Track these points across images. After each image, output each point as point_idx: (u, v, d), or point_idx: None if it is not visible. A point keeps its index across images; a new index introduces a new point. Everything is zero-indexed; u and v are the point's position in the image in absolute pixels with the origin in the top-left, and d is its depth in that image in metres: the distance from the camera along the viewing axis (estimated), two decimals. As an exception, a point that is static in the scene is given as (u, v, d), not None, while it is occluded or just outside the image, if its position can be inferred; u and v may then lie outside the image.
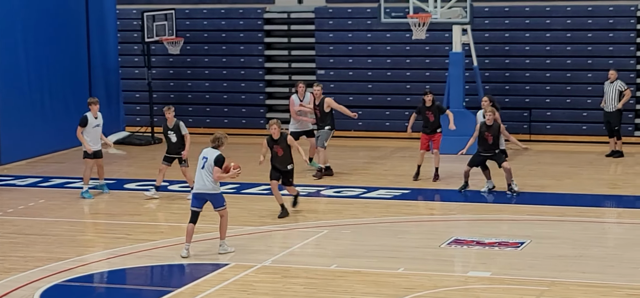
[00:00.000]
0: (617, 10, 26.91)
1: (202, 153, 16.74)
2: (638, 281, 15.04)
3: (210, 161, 16.51)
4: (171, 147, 21.12)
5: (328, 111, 22.79)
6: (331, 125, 22.86)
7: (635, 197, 21.21)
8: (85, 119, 21.25)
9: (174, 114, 21.14)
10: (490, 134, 20.63)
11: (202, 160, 16.62)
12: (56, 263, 16.44)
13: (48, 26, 26.27)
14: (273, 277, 15.67)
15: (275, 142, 18.96)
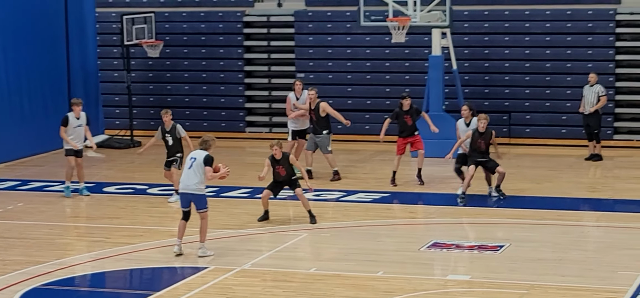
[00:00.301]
0: (596, 14, 27.01)
1: (190, 154, 16.89)
2: (617, 284, 15.08)
3: (199, 161, 16.63)
4: (169, 151, 21.08)
5: (324, 115, 22.79)
6: (328, 128, 22.90)
7: (614, 201, 21.28)
8: (66, 119, 21.52)
9: (171, 117, 21.14)
10: (483, 141, 20.62)
11: (190, 160, 16.77)
12: (35, 266, 16.39)
13: (27, 29, 26.20)
14: (252, 280, 15.66)
15: (277, 162, 18.87)
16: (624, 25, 27.01)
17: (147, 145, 21.42)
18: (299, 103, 23.20)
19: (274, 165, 18.86)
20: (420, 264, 16.61)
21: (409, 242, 17.88)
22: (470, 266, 16.24)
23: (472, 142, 20.75)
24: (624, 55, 26.94)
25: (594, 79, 24.72)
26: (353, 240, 18.31)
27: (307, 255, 17.24)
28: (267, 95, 29.28)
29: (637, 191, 22.10)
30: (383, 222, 19.35)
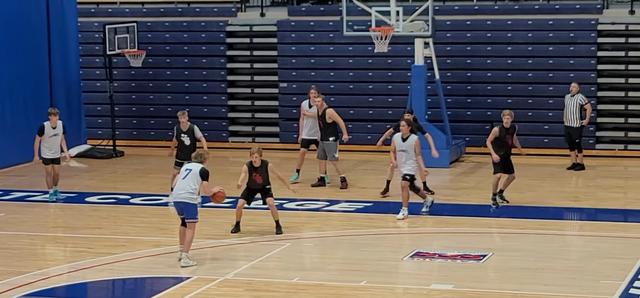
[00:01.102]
0: (578, 23, 27.08)
1: (185, 165, 17.31)
2: (600, 293, 15.09)
3: (195, 172, 16.89)
4: (184, 151, 21.28)
5: (330, 122, 22.83)
6: (335, 135, 22.95)
7: (596, 210, 21.31)
8: (42, 128, 21.81)
9: (187, 118, 21.63)
10: (509, 135, 20.82)
11: (185, 171, 17.05)
12: (16, 277, 16.32)
13: (8, 39, 26.14)
14: (235, 290, 15.63)
15: (255, 169, 18.86)
16: (605, 35, 27.08)
17: (172, 146, 21.81)
18: (310, 111, 23.35)
19: (251, 172, 18.84)
20: (403, 274, 16.62)
21: (392, 252, 17.88)
22: (453, 275, 16.22)
23: (500, 139, 20.74)
24: (605, 65, 27.00)
25: (575, 88, 24.77)
26: (336, 249, 18.30)
27: (290, 265, 17.19)
28: (250, 105, 29.26)
29: (619, 200, 22.17)
30: (366, 232, 19.33)
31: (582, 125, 24.64)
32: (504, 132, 20.87)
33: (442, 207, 21.48)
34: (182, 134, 21.58)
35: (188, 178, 16.90)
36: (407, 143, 19.87)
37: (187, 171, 17.01)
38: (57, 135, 21.92)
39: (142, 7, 30.34)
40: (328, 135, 22.90)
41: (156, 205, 21.69)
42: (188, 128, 21.59)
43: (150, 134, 29.10)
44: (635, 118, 26.82)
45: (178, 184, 17.08)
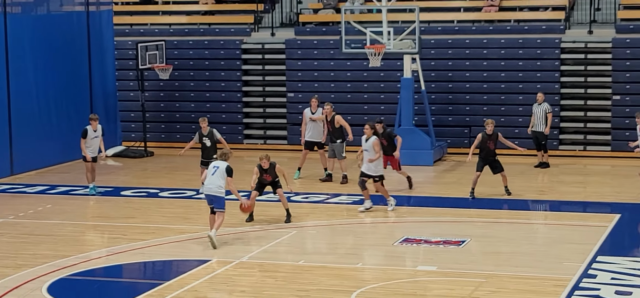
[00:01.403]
0: (544, 42, 27.06)
1: (213, 163, 17.53)
2: (562, 274, 15.08)
3: (222, 169, 17.17)
4: (206, 152, 21.56)
5: (338, 126, 22.81)
6: (342, 138, 22.96)
7: (560, 202, 21.29)
8: (85, 131, 21.95)
9: (207, 123, 21.83)
10: (492, 142, 20.99)
11: (213, 168, 17.30)
12: (61, 260, 16.33)
13: (55, 55, 26.16)
14: (250, 270, 15.63)
15: (264, 171, 18.89)
16: (567, 52, 27.05)
17: (186, 148, 21.97)
18: (314, 116, 23.34)
19: (261, 173, 18.87)
20: (394, 257, 16.60)
21: (384, 238, 17.87)
22: (437, 258, 16.21)
23: (482, 144, 20.83)
24: (567, 78, 26.98)
25: (541, 97, 24.76)
26: (336, 236, 18.30)
27: (296, 249, 17.19)
28: (261, 112, 29.25)
29: (579, 194, 22.15)
30: (362, 221, 19.32)
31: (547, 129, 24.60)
32: (486, 137, 20.99)
33: (427, 199, 21.50)
34: (203, 137, 21.65)
35: (216, 175, 17.13)
36: (368, 143, 19.80)
37: (215, 168, 17.22)
38: (97, 137, 22.05)
39: (170, 28, 30.35)
40: (336, 138, 22.93)
41: (181, 198, 21.69)
42: (208, 132, 21.68)
43: (176, 136, 29.09)
44: (593, 123, 26.80)
45: (207, 179, 17.27)
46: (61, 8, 27.36)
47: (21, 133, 24.99)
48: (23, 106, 25.12)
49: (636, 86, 26.21)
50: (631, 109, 25.82)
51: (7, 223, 19.33)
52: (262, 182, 18.97)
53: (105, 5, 28.50)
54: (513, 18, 28.19)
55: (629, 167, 23.96)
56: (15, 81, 24.86)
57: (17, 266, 15.93)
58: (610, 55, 26.54)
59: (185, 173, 24.57)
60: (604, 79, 26.71)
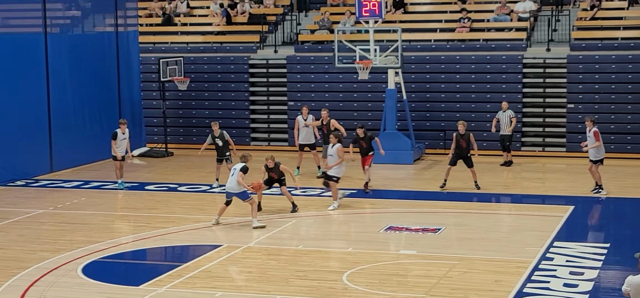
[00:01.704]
0: (508, 58, 27.09)
1: (234, 166, 17.76)
2: (525, 257, 15.10)
3: (238, 170, 17.42)
4: (220, 151, 21.83)
5: (333, 129, 22.74)
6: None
7: (522, 195, 21.31)
8: (116, 134, 22.10)
9: (219, 126, 22.05)
10: (464, 140, 21.03)
11: (233, 170, 17.58)
12: (94, 245, 16.34)
13: (88, 69, 26.15)
14: (256, 254, 15.63)
15: (271, 169, 18.91)
16: (529, 67, 27.08)
17: (202, 148, 22.12)
18: (307, 122, 23.24)
19: (268, 171, 18.89)
20: (380, 242, 16.61)
21: (371, 226, 17.87)
22: (417, 243, 16.23)
23: (456, 143, 20.84)
24: (529, 89, 27.00)
25: (506, 105, 24.81)
26: (330, 225, 18.31)
27: (295, 235, 17.20)
28: (266, 118, 29.25)
29: (539, 188, 22.18)
30: (352, 212, 19.32)
31: (511, 132, 24.66)
32: (459, 137, 21.04)
33: (408, 193, 21.50)
34: (215, 139, 21.76)
35: (234, 176, 17.40)
36: (332, 149, 19.59)
37: (234, 169, 17.49)
38: (125, 139, 22.12)
39: (187, 46, 30.34)
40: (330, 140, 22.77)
41: (197, 192, 21.68)
42: (219, 134, 21.78)
43: (193, 139, 29.06)
44: (551, 128, 26.82)
45: (229, 180, 17.56)
46: (94, 29, 27.34)
47: (59, 136, 24.97)
48: (61, 113, 25.11)
49: (588, 96, 26.24)
50: (583, 115, 25.78)
51: (47, 214, 19.33)
52: (270, 178, 19.02)
53: (131, 27, 28.49)
54: (482, 37, 28.21)
55: (581, 165, 23.95)
56: (54, 91, 24.86)
57: (56, 250, 15.93)
58: (566, 70, 26.56)
59: (200, 171, 24.56)
60: (560, 90, 26.73)
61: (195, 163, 25.90)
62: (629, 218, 19.07)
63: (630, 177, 22.98)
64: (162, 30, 31.33)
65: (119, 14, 27.64)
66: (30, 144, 24.09)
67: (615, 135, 25.66)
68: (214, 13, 31.47)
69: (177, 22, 31.57)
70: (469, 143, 21.22)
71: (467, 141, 21.12)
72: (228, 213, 18.73)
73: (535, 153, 26.56)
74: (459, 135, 21.15)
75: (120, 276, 14.85)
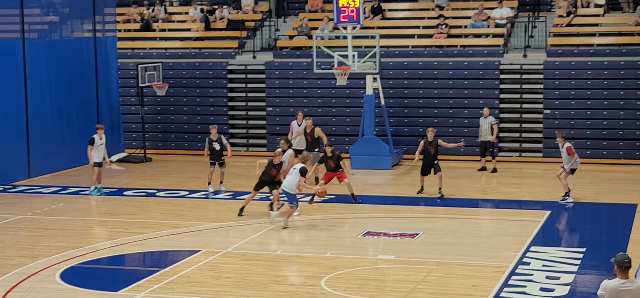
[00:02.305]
0: (485, 64, 27.23)
1: (294, 165, 18.02)
2: (501, 261, 15.17)
3: (297, 170, 17.59)
4: (215, 154, 21.78)
5: (316, 137, 22.80)
6: (319, 148, 22.85)
7: (499, 200, 21.42)
8: (93, 139, 21.88)
9: (217, 131, 22.07)
10: (432, 147, 21.08)
11: (292, 169, 17.74)
12: (72, 250, 16.27)
13: (67, 74, 26.07)
14: (234, 259, 15.61)
15: (273, 166, 18.80)
16: (505, 73, 27.23)
17: (206, 153, 21.94)
18: (299, 128, 23.36)
19: (270, 168, 18.75)
20: (358, 247, 16.63)
21: (349, 231, 17.90)
22: (395, 248, 16.27)
23: (424, 149, 20.89)
24: (506, 94, 27.16)
25: (487, 112, 24.91)
26: (308, 230, 18.30)
27: (274, 241, 17.19)
28: (245, 123, 29.24)
29: (516, 193, 22.29)
30: (330, 217, 19.34)
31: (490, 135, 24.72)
32: (427, 143, 21.06)
33: (386, 198, 21.55)
34: (213, 143, 21.77)
35: (293, 174, 17.58)
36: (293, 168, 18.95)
37: (294, 169, 17.69)
38: (102, 144, 21.97)
39: (166, 51, 30.29)
40: (314, 147, 22.87)
41: (176, 197, 21.64)
42: (217, 137, 21.85)
43: (171, 145, 29.03)
44: (528, 133, 26.99)
45: (286, 178, 17.78)
46: (72, 34, 27.24)
47: (37, 142, 24.87)
48: (39, 118, 25.01)
49: (564, 102, 26.43)
50: (560, 121, 26.06)
51: (25, 220, 19.23)
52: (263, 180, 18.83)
53: (110, 32, 28.42)
54: (459, 44, 28.35)
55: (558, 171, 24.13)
56: (32, 97, 24.76)
57: (34, 256, 15.85)
58: (542, 76, 26.74)
59: (179, 176, 24.52)
60: (536, 95, 26.90)
61: (173, 169, 25.86)
62: (604, 223, 19.21)
63: (605, 182, 23.16)
64: (140, 36, 31.27)
65: (97, 20, 27.56)
66: (8, 150, 23.96)
67: (591, 140, 25.85)
68: (193, 19, 31.43)
69: (156, 28, 31.52)
70: (437, 150, 21.23)
71: (435, 148, 21.14)
72: (207, 219, 18.72)
73: (512, 159, 26.69)
74: (428, 142, 21.10)
75: (98, 282, 14.78)
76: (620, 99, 26.01)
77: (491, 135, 24.64)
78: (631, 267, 9.47)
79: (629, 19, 27.77)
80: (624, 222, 18.45)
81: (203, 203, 20.69)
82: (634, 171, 24.74)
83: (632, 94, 25.94)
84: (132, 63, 29.05)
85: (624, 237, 17.05)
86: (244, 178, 23.25)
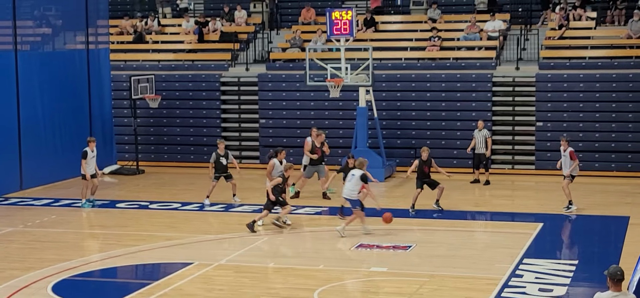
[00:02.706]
0: (478, 77, 27.26)
1: (351, 171, 18.19)
2: (495, 274, 15.15)
3: (357, 177, 17.85)
4: (221, 169, 21.81)
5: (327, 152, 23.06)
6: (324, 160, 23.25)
7: (491, 212, 21.42)
8: (85, 153, 21.80)
9: (224, 145, 22.14)
10: (426, 166, 20.94)
11: (351, 175, 17.97)
12: (64, 263, 16.21)
13: (59, 86, 26.00)
14: (227, 272, 15.57)
15: (286, 180, 19.07)
16: (498, 85, 27.27)
17: (211, 168, 21.90)
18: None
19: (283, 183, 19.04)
20: (351, 260, 16.60)
21: (342, 244, 17.85)
22: (388, 261, 16.25)
23: (419, 169, 20.82)
24: (498, 107, 27.18)
25: (482, 124, 24.91)
26: (301, 242, 18.28)
27: (267, 253, 17.15)
28: (237, 136, 29.21)
29: (508, 205, 22.29)
30: (323, 229, 19.31)
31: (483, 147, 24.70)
32: (422, 163, 20.95)
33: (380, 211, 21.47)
34: (220, 157, 21.79)
35: (352, 181, 17.76)
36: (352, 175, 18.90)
37: (352, 175, 17.82)
38: (94, 157, 21.92)
39: (159, 63, 30.26)
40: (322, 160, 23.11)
41: (168, 210, 21.58)
42: (224, 152, 21.91)
43: (164, 157, 28.98)
44: (520, 146, 27.01)
45: (345, 185, 18.00)
46: (65, 46, 27.21)
47: (29, 154, 24.79)
48: (31, 130, 24.93)
49: (556, 114, 26.46)
50: (552, 133, 26.08)
51: (17, 232, 19.15)
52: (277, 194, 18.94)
53: (102, 44, 28.38)
54: (452, 56, 28.39)
55: (550, 182, 24.18)
56: (25, 108, 24.70)
57: (26, 268, 15.78)
58: (534, 88, 26.78)
59: (172, 188, 24.47)
60: (529, 108, 26.94)
61: (166, 181, 25.80)
62: (597, 235, 19.22)
63: (598, 194, 23.18)
64: (133, 48, 31.24)
65: (90, 32, 27.53)
66: (0, 162, 23.87)
67: (583, 152, 25.85)
68: (186, 31, 31.43)
69: (149, 40, 31.50)
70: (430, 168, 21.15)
71: (429, 166, 21.07)
72: (199, 230, 18.68)
73: (504, 171, 26.70)
74: (422, 161, 21.03)
75: (90, 294, 14.74)
76: (612, 112, 26.06)
77: (485, 149, 24.64)
78: (624, 280, 9.47)
79: (620, 32, 27.87)
80: (617, 234, 18.46)
81: (196, 215, 20.64)
82: (626, 183, 24.78)
83: (623, 106, 25.99)
84: (124, 75, 29.00)
85: (617, 249, 17.05)
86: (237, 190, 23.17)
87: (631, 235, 18.28)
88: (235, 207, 21.32)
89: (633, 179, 25.34)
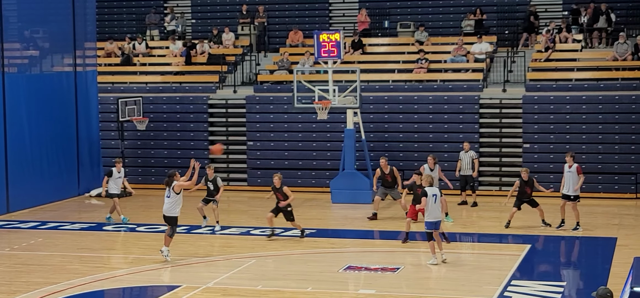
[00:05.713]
0: (465, 99, 27.32)
1: (430, 191, 17.55)
2: (483, 295, 15.11)
3: (438, 195, 17.58)
4: (210, 192, 21.55)
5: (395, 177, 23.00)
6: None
7: (479, 234, 21.39)
8: (111, 172, 22.63)
9: (214, 171, 22.03)
10: (528, 187, 21.04)
11: (433, 196, 17.46)
12: (50, 286, 16.08)
13: (46, 108, 25.93)
14: (215, 295, 15.48)
15: (276, 189, 19.12)
16: (485, 107, 27.34)
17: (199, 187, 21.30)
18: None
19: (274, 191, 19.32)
20: (339, 282, 16.54)
21: (330, 266, 17.79)
22: (376, 283, 16.19)
23: (520, 188, 21.03)
24: (485, 129, 27.24)
25: (468, 146, 24.94)
26: (289, 264, 18.20)
27: (256, 275, 17.06)
28: (225, 158, 29.13)
29: (496, 227, 22.24)
30: (311, 251, 19.25)
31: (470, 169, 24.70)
32: (523, 183, 21.09)
33: (366, 232, 21.47)
34: (208, 182, 21.54)
35: (437, 203, 17.50)
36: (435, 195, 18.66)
37: (434, 196, 17.49)
38: (120, 177, 22.62)
39: (146, 86, 30.21)
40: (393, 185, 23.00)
41: (156, 232, 21.47)
42: (213, 177, 21.59)
43: (151, 179, 28.87)
44: (507, 167, 27.04)
45: (433, 207, 17.50)
46: (52, 69, 27.17)
47: (16, 176, 24.67)
48: (18, 153, 24.83)
49: (543, 136, 26.53)
50: (539, 155, 26.14)
51: (3, 255, 19.01)
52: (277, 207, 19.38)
53: (90, 66, 28.34)
54: (439, 78, 28.45)
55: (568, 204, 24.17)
56: (12, 131, 24.59)
57: (12, 292, 15.64)
58: (521, 110, 26.85)
59: (159, 211, 24.23)
60: (516, 130, 27.00)
61: (154, 204, 25.67)
62: (584, 257, 19.21)
63: (585, 216, 23.17)
64: (121, 70, 31.20)
65: (78, 54, 27.49)
66: (-13, 185, 23.78)
67: (570, 174, 25.89)
68: (173, 53, 31.41)
69: (136, 62, 31.47)
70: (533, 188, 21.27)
71: (531, 187, 21.18)
72: (187, 253, 18.59)
73: (492, 193, 26.71)
74: (523, 181, 21.17)
75: (77, 318, 14.63)
76: (598, 133, 26.14)
77: (472, 170, 24.65)
78: (613, 301, 9.44)
79: (606, 54, 28.01)
80: (604, 256, 18.46)
81: (183, 238, 20.54)
82: (613, 205, 24.82)
83: (610, 128, 26.08)
84: (112, 97, 28.93)
85: (605, 270, 17.05)
86: (225, 212, 23.11)
87: (619, 256, 18.28)
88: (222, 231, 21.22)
89: (620, 200, 25.40)
